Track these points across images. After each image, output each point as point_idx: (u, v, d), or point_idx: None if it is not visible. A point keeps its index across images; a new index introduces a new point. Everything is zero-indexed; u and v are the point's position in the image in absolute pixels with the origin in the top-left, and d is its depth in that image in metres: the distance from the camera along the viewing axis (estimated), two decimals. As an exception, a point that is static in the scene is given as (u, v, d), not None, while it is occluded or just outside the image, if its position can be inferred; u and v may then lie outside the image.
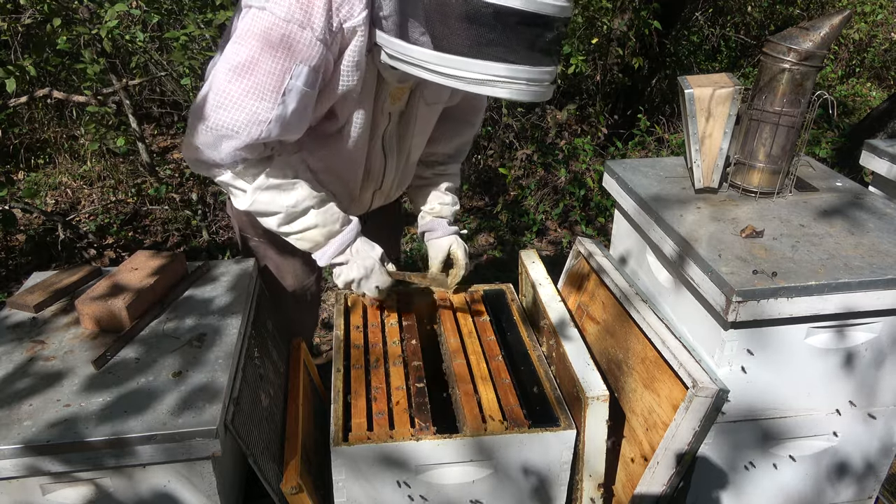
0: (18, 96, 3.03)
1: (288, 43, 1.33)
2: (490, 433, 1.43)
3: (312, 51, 1.35)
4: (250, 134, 1.41)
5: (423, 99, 1.67)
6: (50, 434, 1.22)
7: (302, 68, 1.36)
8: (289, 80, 1.36)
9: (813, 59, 1.68)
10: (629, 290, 1.77)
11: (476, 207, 4.44)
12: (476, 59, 1.26)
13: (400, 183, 1.88)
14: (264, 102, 1.38)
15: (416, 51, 1.30)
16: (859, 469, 1.74)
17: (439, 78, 1.31)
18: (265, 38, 1.34)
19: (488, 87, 1.29)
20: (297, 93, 1.39)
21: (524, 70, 1.27)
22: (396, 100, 1.62)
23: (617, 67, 4.82)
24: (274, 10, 1.32)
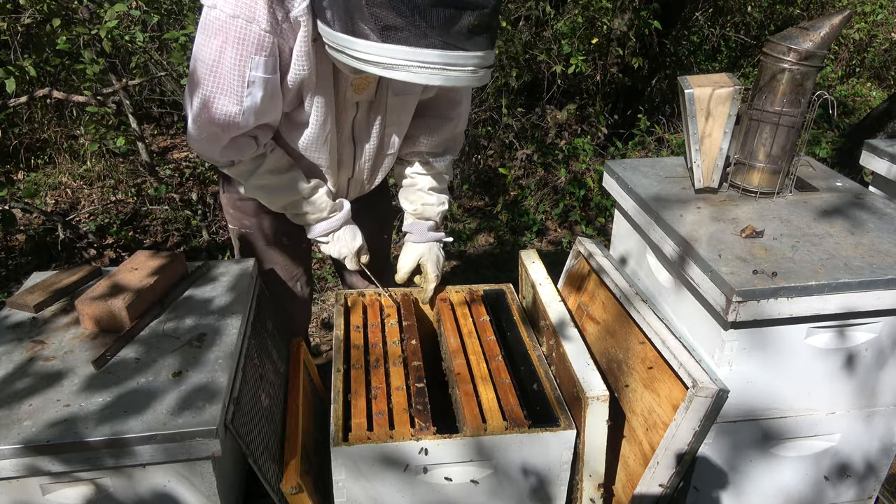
0: (18, 96, 3.03)
1: (240, 38, 1.40)
2: (490, 433, 1.43)
3: (264, 42, 1.41)
4: (229, 132, 1.52)
5: (391, 89, 1.67)
6: (50, 434, 1.22)
7: (258, 59, 1.42)
8: (249, 71, 1.43)
9: (813, 59, 1.68)
10: (629, 290, 1.77)
11: (476, 207, 4.44)
12: (387, 44, 1.27)
13: (374, 172, 1.88)
14: (232, 97, 1.46)
15: (341, 38, 1.34)
16: (859, 469, 1.74)
17: (357, 63, 1.34)
18: (219, 34, 1.41)
19: (399, 72, 1.30)
20: (260, 82, 1.45)
21: (437, 55, 1.26)
22: (361, 90, 1.63)
23: (617, 67, 4.81)
24: (223, 7, 1.38)
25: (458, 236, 4.04)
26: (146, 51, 3.56)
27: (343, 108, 1.65)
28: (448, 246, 3.92)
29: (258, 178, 1.68)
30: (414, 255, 1.95)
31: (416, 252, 1.95)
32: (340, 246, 1.87)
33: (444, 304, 1.93)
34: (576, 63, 4.06)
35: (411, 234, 1.97)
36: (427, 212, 1.96)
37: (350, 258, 1.89)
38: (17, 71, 2.71)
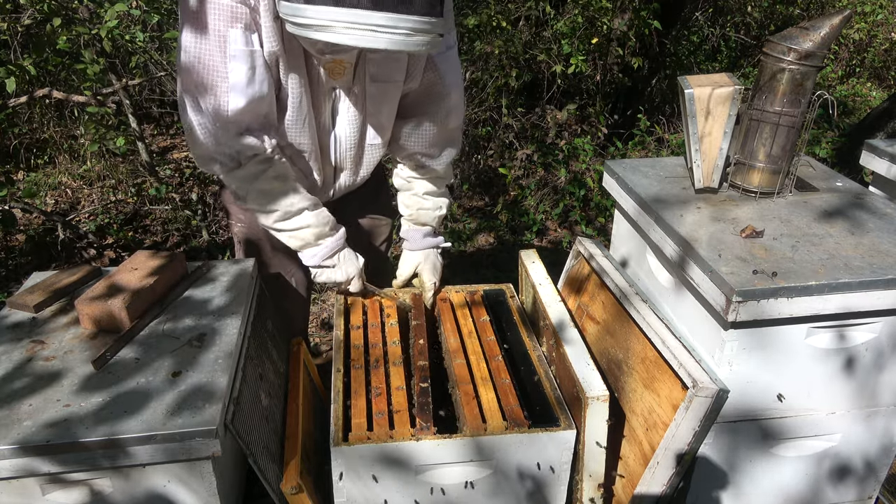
0: (18, 96, 3.03)
1: (215, 12, 1.42)
2: (490, 433, 1.43)
3: (237, 13, 1.43)
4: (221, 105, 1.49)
5: (370, 76, 1.66)
6: (49, 434, 1.22)
7: (236, 31, 1.44)
8: (229, 45, 1.44)
9: (813, 59, 1.68)
10: (629, 290, 1.77)
11: (476, 207, 4.44)
12: (316, 6, 1.27)
13: (356, 163, 1.85)
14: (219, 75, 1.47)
15: (283, 6, 1.35)
16: (859, 469, 1.74)
17: (297, 29, 1.34)
18: (195, 17, 1.43)
19: (330, 34, 1.29)
20: (242, 55, 1.46)
21: (365, 15, 1.25)
22: (337, 75, 1.62)
23: (617, 67, 4.81)
24: None
25: (458, 236, 4.04)
26: (146, 51, 3.56)
27: (319, 91, 1.65)
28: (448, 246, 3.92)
29: (263, 182, 1.63)
30: (411, 263, 1.95)
31: (413, 260, 1.94)
32: (348, 266, 1.80)
33: (444, 304, 1.92)
34: (576, 63, 4.07)
35: (408, 242, 1.96)
36: (423, 217, 1.95)
37: (357, 279, 1.82)
38: (17, 71, 2.71)
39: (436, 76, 1.76)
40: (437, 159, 1.90)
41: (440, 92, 1.78)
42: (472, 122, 4.45)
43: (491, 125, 4.58)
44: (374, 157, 1.86)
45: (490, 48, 4.19)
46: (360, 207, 2.03)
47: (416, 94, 1.78)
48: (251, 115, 1.55)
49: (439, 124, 1.83)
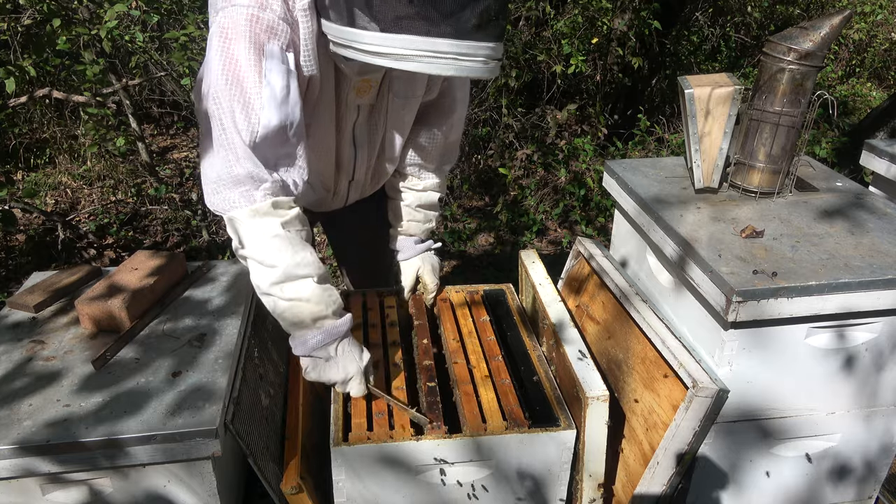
0: (18, 96, 3.03)
1: (254, 26, 1.34)
2: (490, 433, 1.43)
3: (278, 29, 1.36)
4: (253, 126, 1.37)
5: (393, 92, 1.65)
6: (49, 434, 1.22)
7: (272, 47, 1.36)
8: (265, 61, 1.36)
9: (813, 59, 1.68)
10: (629, 290, 1.77)
11: (476, 207, 4.43)
12: (396, 35, 1.25)
13: (374, 176, 1.85)
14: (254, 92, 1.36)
15: (348, 31, 1.31)
16: (859, 469, 1.74)
17: (370, 57, 1.30)
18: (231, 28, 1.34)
19: (412, 63, 1.27)
20: (276, 71, 1.37)
21: (450, 44, 1.24)
22: (363, 93, 1.61)
23: (617, 67, 4.81)
24: (238, 1, 1.35)
25: (458, 236, 4.04)
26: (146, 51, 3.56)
27: (345, 111, 1.63)
28: (448, 246, 3.92)
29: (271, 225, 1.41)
30: (411, 271, 1.93)
31: (412, 267, 1.93)
32: (346, 362, 1.49)
33: (444, 304, 1.92)
34: (576, 63, 4.06)
35: (401, 252, 1.94)
36: (412, 228, 1.93)
37: (358, 380, 1.50)
38: (16, 71, 2.71)
39: (448, 91, 1.79)
40: (433, 171, 1.91)
41: (449, 107, 1.81)
42: (472, 122, 4.45)
43: (491, 125, 4.57)
44: (390, 170, 1.88)
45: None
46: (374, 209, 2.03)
47: (425, 107, 1.80)
48: (278, 139, 1.41)
49: (442, 137, 1.85)
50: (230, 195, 1.40)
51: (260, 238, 1.40)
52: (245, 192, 1.39)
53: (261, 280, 1.43)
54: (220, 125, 1.37)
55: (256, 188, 1.39)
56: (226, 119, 1.36)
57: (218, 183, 1.40)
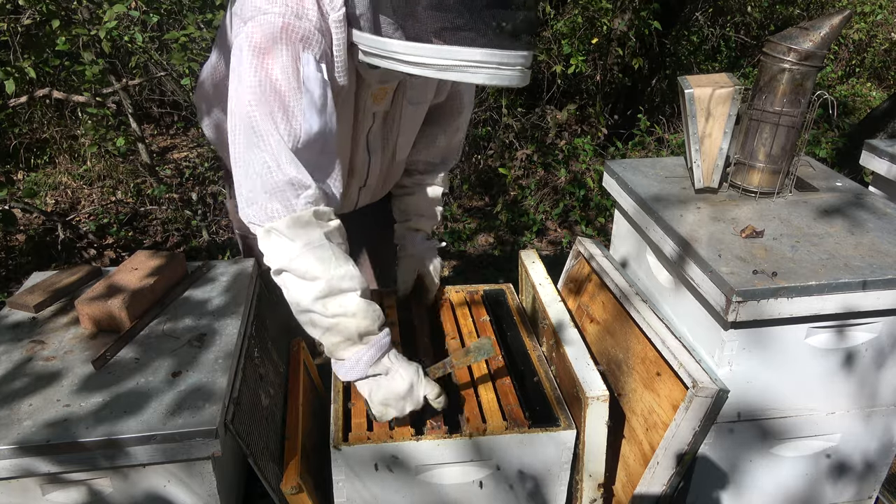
0: (18, 96, 3.03)
1: (290, 34, 1.32)
2: (490, 433, 1.43)
3: (312, 39, 1.34)
4: (295, 133, 1.32)
5: (407, 99, 1.66)
6: (49, 434, 1.22)
7: (308, 56, 1.33)
8: (302, 68, 1.32)
9: (813, 59, 1.68)
10: (629, 290, 1.77)
11: (476, 207, 4.43)
12: (444, 46, 1.26)
13: (385, 181, 1.87)
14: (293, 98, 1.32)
15: (388, 43, 1.31)
16: (859, 469, 1.74)
17: (411, 68, 1.30)
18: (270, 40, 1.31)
19: (457, 73, 1.28)
20: (314, 80, 1.34)
21: (493, 54, 1.26)
22: (379, 100, 1.62)
23: (617, 67, 4.81)
24: (270, 9, 1.32)
25: (458, 236, 4.04)
26: (146, 51, 3.56)
27: (361, 118, 1.62)
28: (448, 246, 3.92)
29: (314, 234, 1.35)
30: (411, 268, 1.92)
31: (413, 265, 1.92)
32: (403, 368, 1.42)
33: (444, 304, 1.92)
34: (576, 63, 4.07)
35: (404, 248, 1.93)
36: (420, 224, 1.94)
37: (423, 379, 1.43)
38: (16, 72, 2.71)
39: (455, 94, 1.82)
40: (438, 169, 1.94)
41: (456, 109, 1.85)
42: (472, 122, 4.45)
43: (491, 125, 4.57)
44: (399, 172, 1.89)
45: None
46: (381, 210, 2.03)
47: (433, 108, 1.82)
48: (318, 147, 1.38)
49: (448, 138, 1.89)
50: (268, 204, 1.32)
51: (301, 249, 1.32)
52: (285, 200, 1.32)
53: (301, 296, 1.35)
54: (256, 134, 1.32)
55: (297, 196, 1.33)
56: (264, 126, 1.31)
57: (254, 192, 1.33)
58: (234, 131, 1.36)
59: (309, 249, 1.33)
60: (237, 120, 1.34)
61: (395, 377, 1.41)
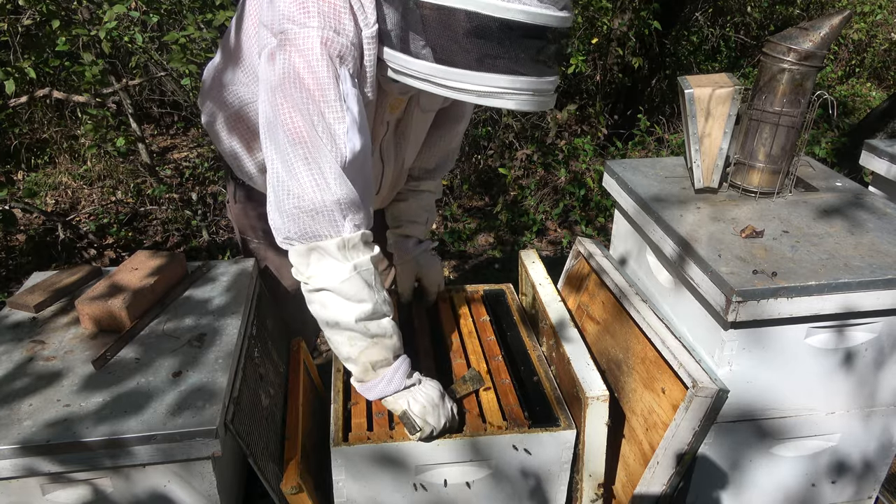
0: (18, 96, 3.03)
1: (330, 50, 1.30)
2: (490, 433, 1.43)
3: (349, 55, 1.32)
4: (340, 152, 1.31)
5: (420, 107, 1.67)
6: (50, 434, 1.22)
7: (345, 72, 1.32)
8: (342, 85, 1.31)
9: (813, 59, 1.68)
10: (629, 289, 1.77)
11: (476, 207, 4.43)
12: (483, 73, 1.27)
13: (393, 189, 1.86)
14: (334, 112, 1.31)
15: (423, 65, 1.30)
16: (859, 469, 1.74)
17: (448, 92, 1.31)
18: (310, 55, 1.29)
19: (495, 99, 1.30)
20: (352, 97, 1.33)
21: (530, 81, 1.29)
22: (395, 109, 1.62)
23: (617, 67, 4.81)
24: (307, 23, 1.29)
25: (458, 236, 4.04)
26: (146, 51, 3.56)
27: (378, 128, 1.61)
28: (448, 246, 3.92)
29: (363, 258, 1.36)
30: (409, 272, 1.91)
31: (410, 270, 1.91)
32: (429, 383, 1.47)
33: (444, 304, 1.92)
34: (576, 63, 4.06)
35: (398, 255, 1.92)
36: (413, 230, 1.93)
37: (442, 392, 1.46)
38: (16, 72, 2.71)
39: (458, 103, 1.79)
40: (432, 175, 1.93)
41: (459, 114, 1.87)
42: (473, 122, 4.45)
43: (491, 125, 4.57)
44: (404, 179, 1.89)
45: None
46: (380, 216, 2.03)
47: (437, 113, 1.82)
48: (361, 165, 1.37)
49: (445, 144, 1.89)
50: (316, 224, 1.32)
51: (351, 272, 1.34)
52: (332, 220, 1.32)
53: (344, 316, 1.37)
54: (303, 149, 1.30)
55: (344, 217, 1.33)
56: (311, 143, 1.29)
57: (300, 210, 1.31)
58: (275, 143, 1.33)
59: (359, 273, 1.35)
60: (279, 132, 1.32)
61: (427, 386, 1.46)
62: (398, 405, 1.43)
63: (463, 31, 1.24)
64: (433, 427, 1.40)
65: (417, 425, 1.39)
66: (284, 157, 1.32)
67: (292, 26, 1.29)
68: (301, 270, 1.38)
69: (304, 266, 1.37)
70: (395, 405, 1.44)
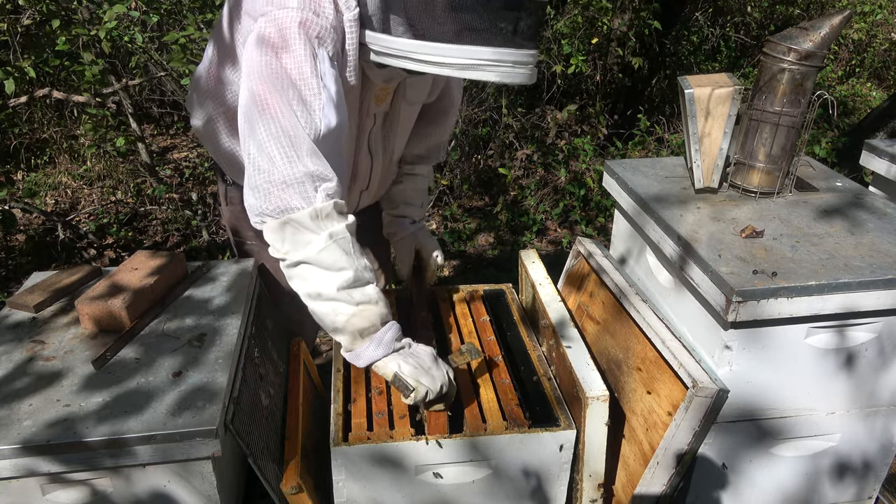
0: (18, 96, 3.03)
1: (307, 30, 1.31)
2: (490, 433, 1.43)
3: (328, 37, 1.33)
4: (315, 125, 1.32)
5: (406, 99, 1.68)
6: (50, 434, 1.22)
7: (323, 53, 1.33)
8: (319, 64, 1.32)
9: (813, 59, 1.68)
10: (629, 289, 1.77)
11: (476, 207, 4.43)
12: (462, 45, 1.28)
13: (383, 182, 1.87)
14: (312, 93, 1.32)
15: (403, 43, 1.32)
16: (859, 469, 1.74)
17: (428, 67, 1.32)
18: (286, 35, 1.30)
19: (475, 72, 1.31)
20: (330, 76, 1.33)
21: (509, 53, 1.29)
22: (381, 101, 1.62)
23: (617, 67, 4.81)
24: (288, 4, 1.31)
25: (458, 236, 4.04)
26: (146, 51, 3.56)
27: (365, 119, 1.62)
28: (448, 246, 3.92)
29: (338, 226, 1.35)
30: (407, 247, 1.91)
31: (408, 244, 1.91)
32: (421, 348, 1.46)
33: (444, 304, 1.93)
34: (576, 63, 4.06)
35: (395, 234, 1.93)
36: (406, 211, 1.94)
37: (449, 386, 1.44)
38: (16, 72, 2.71)
39: (447, 93, 1.87)
40: (425, 160, 1.96)
41: (448, 106, 1.90)
42: (473, 122, 4.45)
43: (491, 125, 4.57)
44: (394, 172, 1.90)
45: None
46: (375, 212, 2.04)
47: (426, 107, 1.85)
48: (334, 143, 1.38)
49: (440, 134, 1.94)
50: (285, 196, 1.31)
51: (326, 240, 1.34)
52: (303, 192, 1.32)
53: (325, 286, 1.35)
54: (274, 125, 1.30)
55: (316, 189, 1.33)
56: (284, 118, 1.30)
57: (271, 184, 1.31)
58: (249, 121, 1.35)
59: (335, 241, 1.34)
60: (253, 111, 1.33)
61: (418, 349, 1.45)
62: (388, 369, 1.40)
63: (441, 5, 1.26)
64: (427, 388, 1.36)
65: (410, 385, 1.35)
66: (256, 135, 1.33)
67: (272, 9, 1.32)
68: (277, 247, 1.37)
69: (280, 242, 1.36)
70: (385, 369, 1.41)
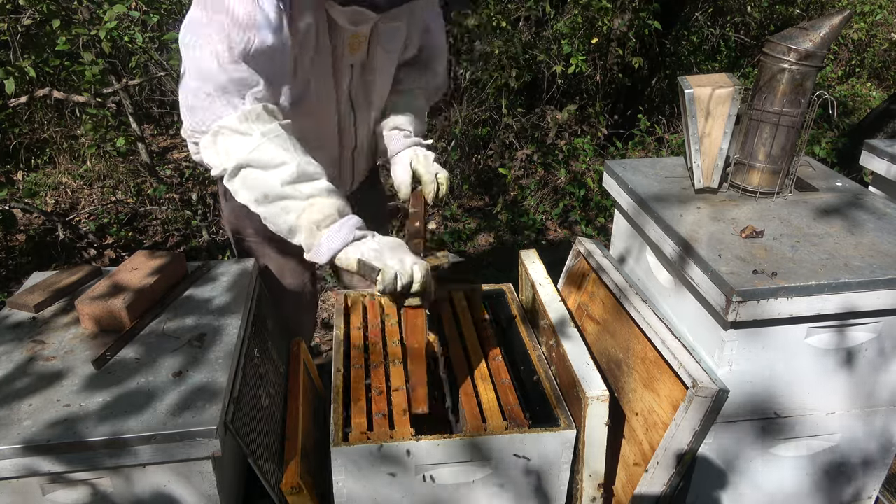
0: (18, 96, 3.03)
1: None
2: (490, 433, 1.43)
3: None
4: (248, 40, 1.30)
5: (382, 46, 1.66)
6: (50, 434, 1.22)
7: None
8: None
9: (813, 59, 1.68)
10: (629, 289, 1.77)
11: (476, 207, 4.44)
12: None
13: (370, 137, 1.84)
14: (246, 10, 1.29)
15: None
16: (859, 469, 1.74)
17: None
18: None
19: None
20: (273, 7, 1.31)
21: None
22: (355, 50, 1.60)
23: (617, 67, 4.81)
24: None
25: (458, 236, 4.04)
26: (146, 51, 3.56)
27: (340, 70, 1.60)
28: (448, 246, 3.92)
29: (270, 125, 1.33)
30: (403, 165, 1.77)
31: (404, 161, 1.78)
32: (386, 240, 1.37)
33: (444, 304, 1.92)
34: (576, 63, 4.07)
35: (391, 149, 1.80)
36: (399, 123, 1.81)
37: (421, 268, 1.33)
38: (16, 72, 2.71)
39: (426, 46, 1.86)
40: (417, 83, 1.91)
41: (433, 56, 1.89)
42: (472, 122, 4.45)
43: (491, 125, 4.57)
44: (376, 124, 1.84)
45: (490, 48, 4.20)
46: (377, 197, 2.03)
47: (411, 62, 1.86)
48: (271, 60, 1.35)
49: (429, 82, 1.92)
50: (212, 106, 1.30)
51: (260, 139, 1.30)
52: (229, 99, 1.30)
53: (270, 184, 1.30)
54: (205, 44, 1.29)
55: (242, 96, 1.31)
56: (214, 36, 1.28)
57: (197, 98, 1.30)
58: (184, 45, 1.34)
59: (269, 138, 1.31)
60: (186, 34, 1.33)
61: (384, 238, 1.37)
62: (350, 257, 1.32)
63: None
64: (395, 269, 1.27)
65: (376, 267, 1.26)
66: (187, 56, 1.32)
67: None
68: (214, 162, 1.35)
69: (215, 154, 1.34)
70: (347, 260, 1.32)
